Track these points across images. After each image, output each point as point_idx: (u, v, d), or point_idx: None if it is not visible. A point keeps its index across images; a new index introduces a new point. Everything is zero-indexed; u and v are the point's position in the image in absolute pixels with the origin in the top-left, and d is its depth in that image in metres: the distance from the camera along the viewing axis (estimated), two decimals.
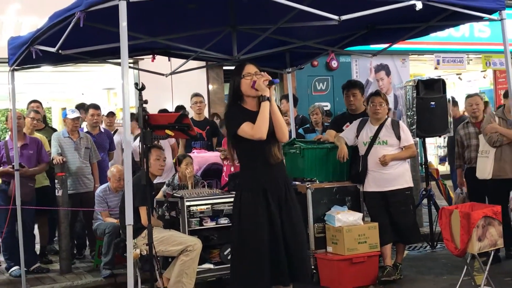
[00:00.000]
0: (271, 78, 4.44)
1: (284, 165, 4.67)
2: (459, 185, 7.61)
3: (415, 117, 7.97)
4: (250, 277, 4.38)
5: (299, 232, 4.50)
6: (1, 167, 7.01)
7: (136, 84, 4.21)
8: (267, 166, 4.44)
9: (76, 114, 7.78)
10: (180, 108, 9.59)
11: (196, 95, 9.04)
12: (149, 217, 4.65)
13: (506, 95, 6.91)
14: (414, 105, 7.97)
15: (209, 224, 6.27)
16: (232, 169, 7.53)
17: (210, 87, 12.11)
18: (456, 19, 6.00)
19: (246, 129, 4.38)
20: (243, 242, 4.43)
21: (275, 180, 4.47)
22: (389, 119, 6.52)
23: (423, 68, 15.27)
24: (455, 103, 8.72)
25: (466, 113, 8.56)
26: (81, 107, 8.94)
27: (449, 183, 8.87)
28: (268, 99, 4.38)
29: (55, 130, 8.66)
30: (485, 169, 6.76)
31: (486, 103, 8.50)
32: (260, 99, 4.39)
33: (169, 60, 7.45)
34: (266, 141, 4.41)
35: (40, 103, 8.70)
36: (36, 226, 7.74)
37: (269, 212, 4.39)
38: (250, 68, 4.48)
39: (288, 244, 4.38)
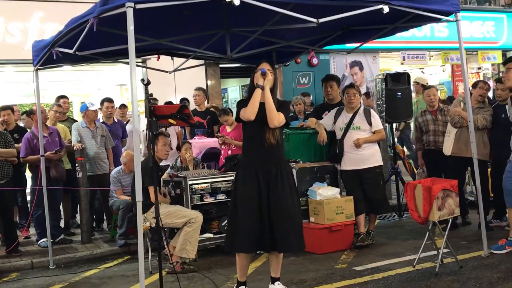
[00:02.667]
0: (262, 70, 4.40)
1: (281, 147, 4.54)
2: (420, 165, 7.61)
3: (384, 106, 7.97)
4: (238, 241, 4.39)
5: (285, 208, 4.36)
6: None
7: (143, 80, 4.16)
8: (261, 149, 4.38)
9: (96, 106, 7.79)
10: (183, 99, 9.54)
11: (197, 89, 8.99)
12: (156, 194, 4.62)
13: (474, 86, 6.86)
14: (383, 95, 7.97)
15: (209, 199, 6.28)
16: (229, 152, 7.52)
17: (209, 82, 12.04)
18: (418, 21, 5.97)
19: (241, 113, 4.40)
20: (235, 213, 4.42)
21: (266, 161, 4.40)
22: (362, 107, 6.51)
23: (391, 64, 15.23)
24: None
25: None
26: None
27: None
28: (259, 86, 4.34)
29: (76, 121, 8.62)
30: (446, 146, 6.78)
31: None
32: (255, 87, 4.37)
33: (172, 59, 7.40)
34: (260, 127, 4.36)
35: (67, 98, 8.68)
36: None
37: (258, 188, 4.35)
38: (263, 65, 4.44)
39: (273, 218, 4.33)
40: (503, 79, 5.97)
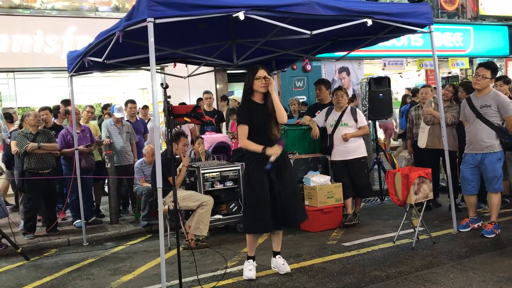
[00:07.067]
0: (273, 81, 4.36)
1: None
2: (409, 153, 7.58)
3: (368, 105, 7.94)
4: (258, 224, 4.33)
5: (294, 189, 4.45)
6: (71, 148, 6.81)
7: (162, 84, 4.15)
8: (269, 142, 4.31)
9: (121, 114, 7.69)
10: (200, 99, 9.52)
11: (206, 92, 8.98)
12: (174, 182, 4.62)
13: (442, 87, 6.80)
14: (367, 96, 7.94)
15: (219, 186, 6.29)
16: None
17: (218, 86, 12.04)
18: (397, 32, 5.94)
19: (239, 130, 4.34)
20: (252, 198, 4.34)
21: None
22: (349, 107, 6.50)
23: (374, 69, 15.21)
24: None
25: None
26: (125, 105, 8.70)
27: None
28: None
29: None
30: (421, 140, 6.77)
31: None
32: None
33: (186, 66, 7.38)
34: (266, 123, 4.32)
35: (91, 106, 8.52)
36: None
37: (269, 176, 4.32)
38: (261, 73, 4.33)
39: (285, 198, 4.31)
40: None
